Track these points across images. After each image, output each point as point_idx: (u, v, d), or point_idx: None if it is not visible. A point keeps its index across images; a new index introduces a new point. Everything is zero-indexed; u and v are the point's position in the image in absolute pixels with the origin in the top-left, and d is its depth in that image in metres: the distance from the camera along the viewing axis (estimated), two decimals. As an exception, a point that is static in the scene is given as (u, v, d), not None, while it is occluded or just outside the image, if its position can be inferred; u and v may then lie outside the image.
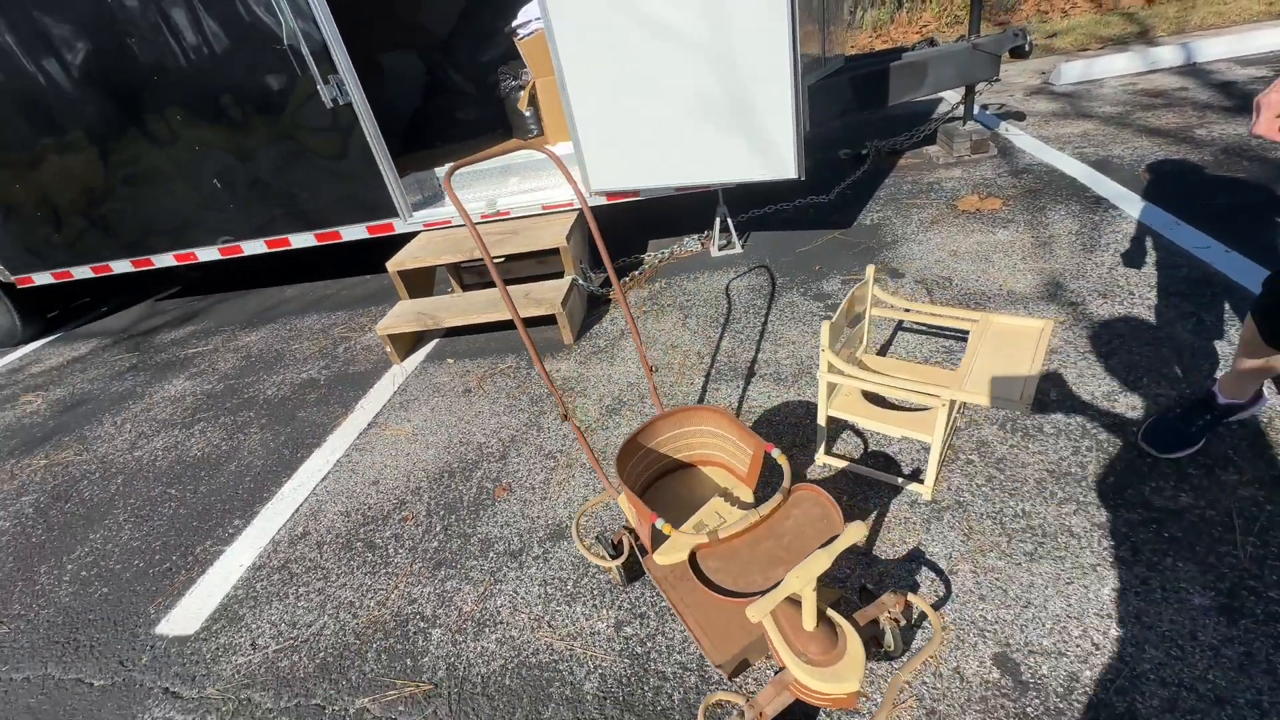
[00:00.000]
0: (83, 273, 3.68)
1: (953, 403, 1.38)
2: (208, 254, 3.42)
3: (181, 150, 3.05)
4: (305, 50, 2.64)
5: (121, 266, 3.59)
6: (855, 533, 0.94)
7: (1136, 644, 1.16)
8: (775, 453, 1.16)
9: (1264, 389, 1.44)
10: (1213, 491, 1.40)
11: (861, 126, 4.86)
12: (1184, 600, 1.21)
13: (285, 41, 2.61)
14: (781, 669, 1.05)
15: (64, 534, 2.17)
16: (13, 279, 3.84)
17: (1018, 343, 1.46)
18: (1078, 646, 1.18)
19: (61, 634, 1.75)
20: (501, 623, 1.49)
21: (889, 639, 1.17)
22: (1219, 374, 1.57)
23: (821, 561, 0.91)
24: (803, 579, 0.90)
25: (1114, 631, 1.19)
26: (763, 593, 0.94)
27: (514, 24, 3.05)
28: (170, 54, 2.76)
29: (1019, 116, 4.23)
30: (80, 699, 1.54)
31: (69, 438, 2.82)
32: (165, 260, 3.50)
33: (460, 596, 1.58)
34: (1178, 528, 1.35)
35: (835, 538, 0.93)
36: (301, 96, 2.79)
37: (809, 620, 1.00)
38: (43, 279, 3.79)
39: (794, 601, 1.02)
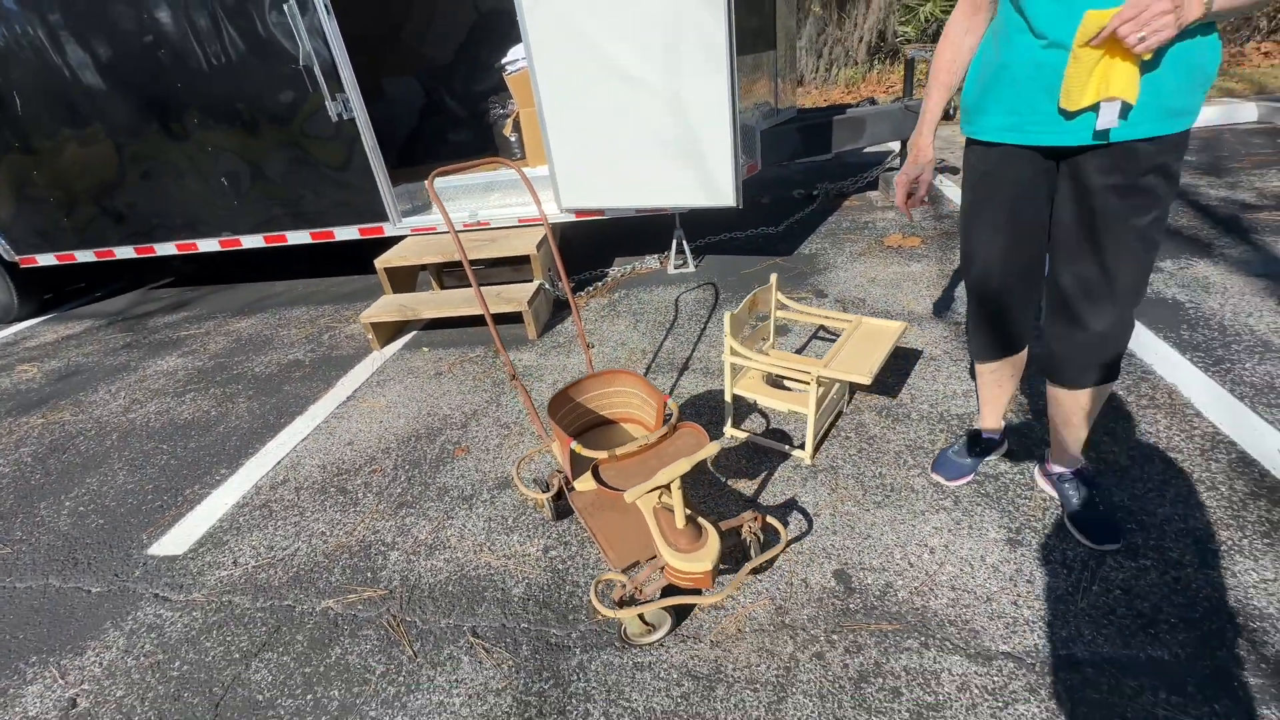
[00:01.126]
0: (85, 256, 3.95)
1: (820, 379, 1.74)
2: (208, 245, 3.72)
3: (195, 150, 3.39)
4: (317, 70, 3.02)
5: (124, 252, 3.86)
6: (711, 448, 1.28)
7: (939, 563, 1.51)
8: (670, 401, 1.50)
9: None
10: (1023, 461, 1.77)
11: (818, 170, 5.36)
12: (982, 535, 1.56)
13: (300, 62, 2.99)
14: (657, 557, 1.37)
15: (61, 478, 2.41)
16: (16, 258, 4.09)
17: (878, 338, 1.84)
18: (897, 565, 1.52)
19: (61, 554, 1.99)
20: (450, 547, 1.78)
21: (752, 551, 1.50)
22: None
23: (683, 465, 1.24)
24: (668, 475, 1.23)
25: (926, 555, 1.53)
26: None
27: (503, 60, 3.47)
28: (196, 65, 3.12)
29: (954, 170, 4.75)
30: (79, 602, 1.79)
31: (65, 402, 3.05)
32: (167, 249, 3.78)
33: (417, 529, 1.87)
34: (993, 487, 1.71)
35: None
36: (310, 110, 3.15)
37: (679, 519, 1.32)
38: (46, 260, 4.04)
39: (672, 510, 1.35)
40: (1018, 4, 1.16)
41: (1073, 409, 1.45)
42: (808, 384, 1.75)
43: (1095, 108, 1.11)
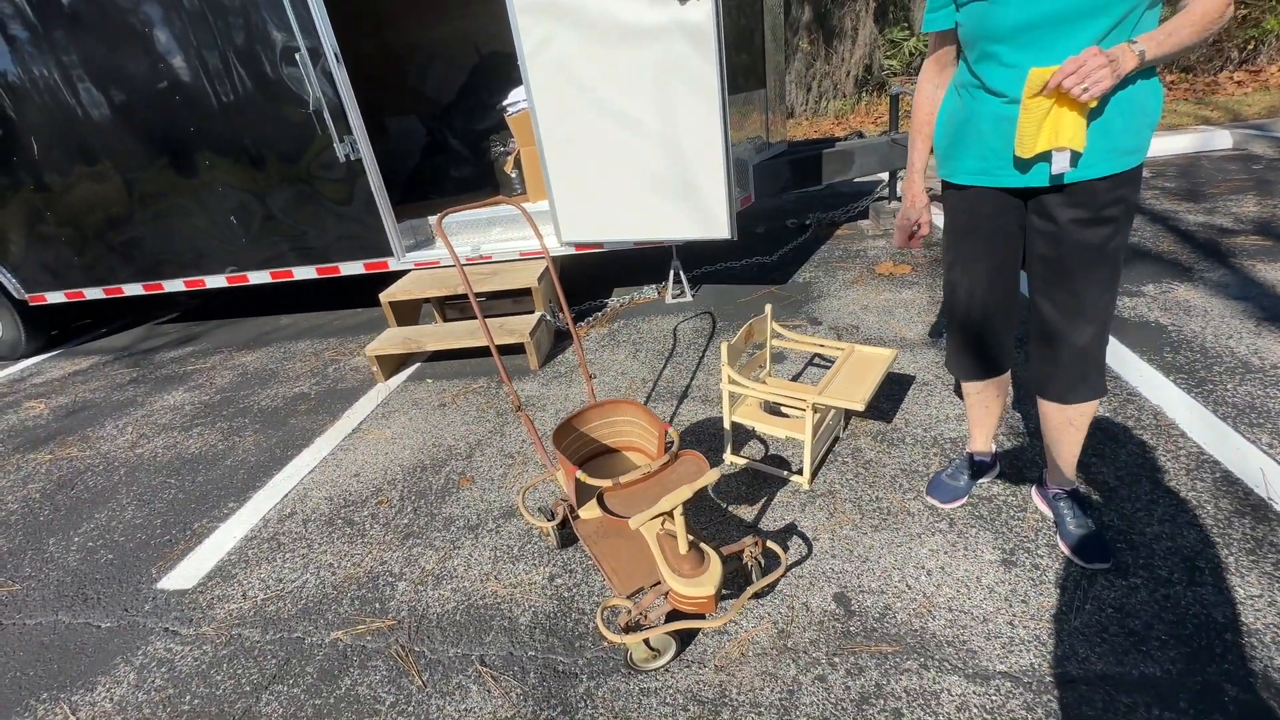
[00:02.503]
0: (95, 293, 4.02)
1: (816, 406, 1.80)
2: (215, 281, 3.80)
3: (206, 189, 3.49)
4: (326, 114, 3.14)
5: (133, 289, 3.94)
6: (711, 475, 1.33)
7: (936, 585, 1.54)
8: (670, 430, 1.55)
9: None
10: (1015, 483, 1.82)
11: (811, 200, 5.51)
12: (978, 556, 1.60)
13: (311, 106, 3.11)
14: (661, 583, 1.41)
15: (70, 514, 2.43)
16: (26, 296, 4.16)
17: (870, 365, 1.90)
18: (895, 587, 1.56)
19: (70, 590, 2.01)
20: (457, 577, 1.81)
21: (754, 575, 1.53)
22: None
23: (685, 492, 1.29)
24: (671, 502, 1.28)
25: (923, 577, 1.57)
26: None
27: (504, 102, 3.61)
28: (210, 108, 3.25)
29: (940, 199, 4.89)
30: (89, 637, 1.81)
31: (72, 437, 3.09)
32: (175, 285, 3.86)
33: (424, 559, 1.90)
34: (987, 509, 1.75)
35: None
36: (318, 151, 3.27)
37: (682, 545, 1.37)
38: (55, 298, 4.12)
39: (675, 537, 1.39)
40: (973, 69, 1.28)
41: (1062, 424, 1.52)
42: (804, 411, 1.81)
43: (1048, 156, 1.21)
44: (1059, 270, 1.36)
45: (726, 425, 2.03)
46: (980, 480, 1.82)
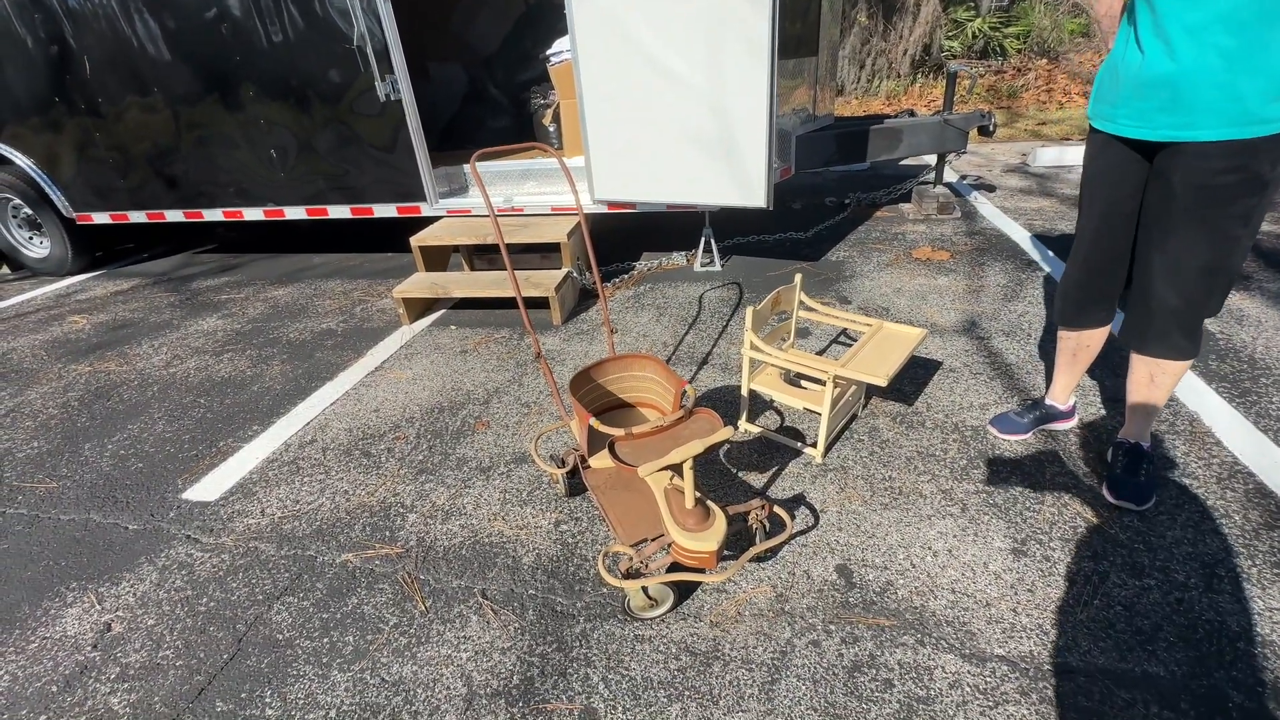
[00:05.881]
0: (138, 217, 4.12)
1: (837, 379, 1.77)
2: (253, 214, 3.86)
3: (249, 122, 3.52)
4: (370, 51, 3.12)
5: (174, 216, 4.03)
6: (724, 432, 1.32)
7: (942, 566, 1.53)
8: (688, 388, 1.55)
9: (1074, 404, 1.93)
10: (1035, 476, 1.78)
11: (853, 180, 5.35)
12: (987, 543, 1.58)
13: (355, 43, 3.10)
14: (664, 535, 1.42)
15: (105, 423, 2.54)
16: (74, 215, 4.29)
17: (897, 343, 1.86)
18: (899, 565, 1.54)
19: (102, 492, 2.11)
20: (466, 514, 1.85)
21: (758, 538, 1.53)
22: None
23: (696, 446, 1.28)
24: (682, 455, 1.27)
25: (929, 558, 1.55)
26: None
27: (548, 52, 3.54)
28: (256, 40, 3.25)
29: (990, 188, 4.71)
30: (117, 536, 1.90)
31: (111, 353, 3.21)
32: (214, 215, 3.94)
33: (435, 495, 1.94)
34: (1002, 498, 1.72)
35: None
36: (360, 89, 3.26)
37: (689, 500, 1.37)
38: (101, 219, 4.23)
39: (682, 491, 1.39)
40: (1131, 7, 1.35)
41: (1142, 379, 1.58)
42: (824, 383, 1.78)
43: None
44: (1163, 228, 1.40)
45: (744, 392, 2.01)
46: (1050, 426, 1.90)
